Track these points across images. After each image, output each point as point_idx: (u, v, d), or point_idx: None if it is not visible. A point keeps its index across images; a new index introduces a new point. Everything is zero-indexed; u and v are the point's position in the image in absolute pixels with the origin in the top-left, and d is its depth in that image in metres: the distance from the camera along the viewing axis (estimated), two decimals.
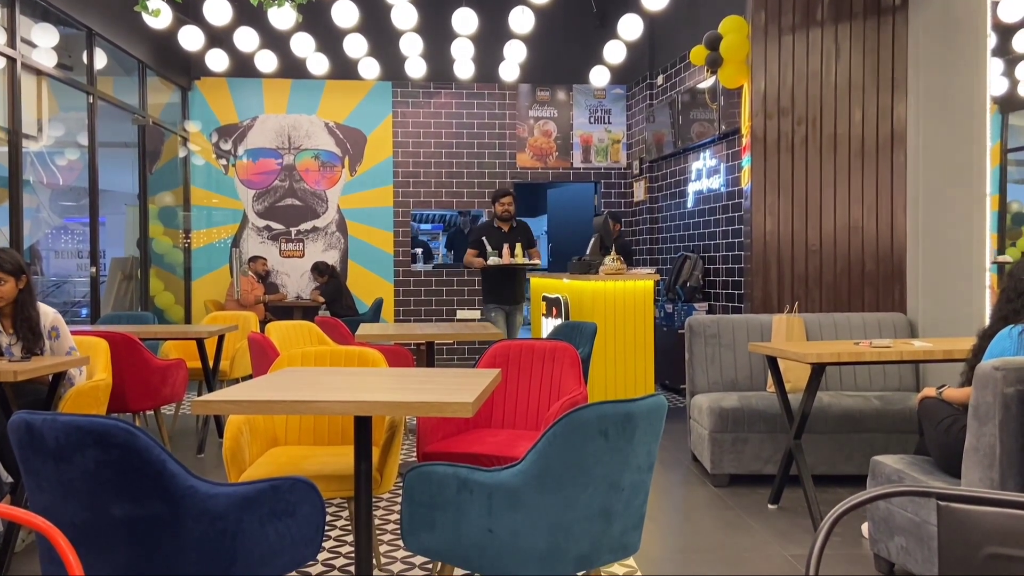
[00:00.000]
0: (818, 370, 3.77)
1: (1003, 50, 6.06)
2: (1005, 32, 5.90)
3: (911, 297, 5.31)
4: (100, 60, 7.57)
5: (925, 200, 5.18)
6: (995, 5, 4.89)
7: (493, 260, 6.43)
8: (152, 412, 5.18)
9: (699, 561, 3.40)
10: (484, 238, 6.58)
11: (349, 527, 3.68)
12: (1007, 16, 5.26)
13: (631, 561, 3.33)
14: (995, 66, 5.20)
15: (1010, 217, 7.59)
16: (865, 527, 3.54)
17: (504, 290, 6.59)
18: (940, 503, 1.02)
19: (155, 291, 8.91)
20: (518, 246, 6.50)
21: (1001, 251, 7.02)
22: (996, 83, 5.38)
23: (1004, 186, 7.52)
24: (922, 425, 3.19)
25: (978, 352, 3.02)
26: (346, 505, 3.87)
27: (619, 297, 6.24)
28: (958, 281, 4.82)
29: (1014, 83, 6.68)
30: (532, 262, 6.59)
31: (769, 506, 4.12)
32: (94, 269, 7.26)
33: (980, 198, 4.64)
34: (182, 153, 9.54)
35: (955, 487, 1.07)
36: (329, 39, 7.78)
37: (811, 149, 5.46)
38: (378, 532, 3.62)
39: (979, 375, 2.56)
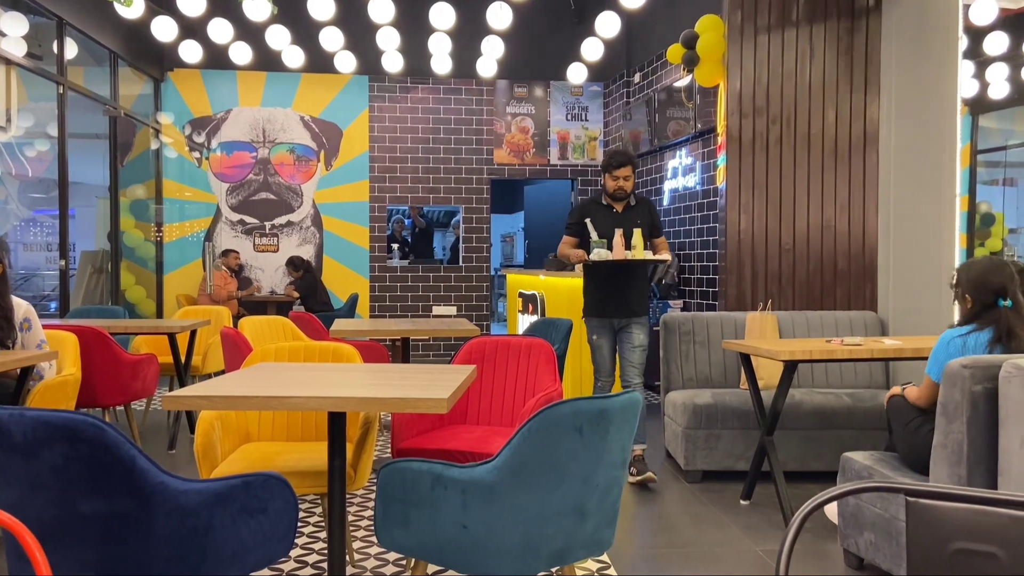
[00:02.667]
0: (790, 367, 3.81)
1: (974, 52, 6.15)
2: (976, 35, 5.98)
3: (882, 295, 5.38)
4: (71, 50, 7.45)
5: (896, 200, 5.25)
6: (966, 8, 4.96)
7: (597, 254, 4.34)
8: (122, 408, 5.11)
9: (672, 557, 3.43)
10: (588, 221, 4.49)
11: (322, 523, 3.66)
12: (978, 19, 5.34)
13: (605, 557, 3.34)
14: (966, 68, 5.28)
15: (979, 218, 7.72)
16: (828, 508, 3.58)
17: (612, 298, 4.49)
18: (908, 499, 1.04)
19: (126, 285, 8.79)
20: (637, 233, 4.36)
21: (970, 251, 7.14)
22: (967, 85, 5.46)
23: (973, 187, 7.64)
24: (891, 423, 3.24)
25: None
26: (319, 501, 3.85)
27: None
28: (928, 280, 4.89)
29: (984, 85, 6.79)
30: (659, 257, 4.43)
31: (741, 502, 4.16)
32: (63, 262, 7.14)
33: (950, 199, 4.71)
34: (154, 145, 9.41)
35: (923, 483, 1.08)
36: (305, 32, 7.71)
37: (785, 148, 5.51)
38: (352, 528, 3.60)
39: (948, 373, 2.60)
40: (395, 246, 10.03)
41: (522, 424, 2.13)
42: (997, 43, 6.15)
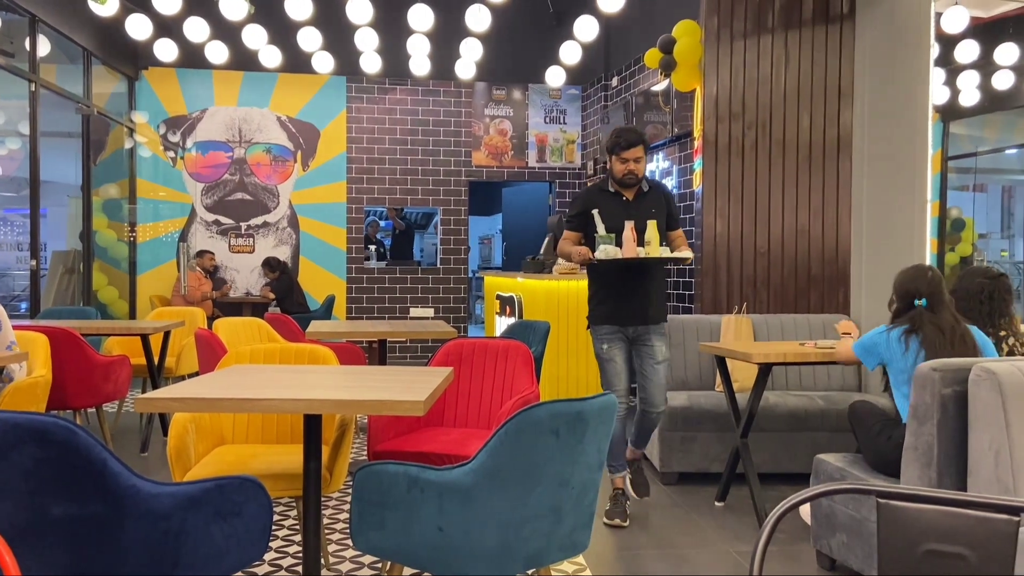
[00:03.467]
0: (765, 370, 3.85)
1: (946, 60, 6.25)
2: (948, 43, 6.08)
3: (855, 299, 5.45)
4: (43, 47, 7.34)
5: (869, 205, 5.31)
6: (939, 16, 5.05)
7: (604, 251, 3.66)
8: (94, 410, 5.04)
9: (647, 558, 3.44)
10: (595, 212, 3.80)
11: (297, 526, 3.64)
12: (950, 27, 5.43)
13: (580, 559, 3.35)
14: (938, 76, 5.37)
15: (950, 223, 7.84)
16: (802, 508, 3.63)
17: (625, 303, 3.81)
18: (880, 501, 1.05)
19: (98, 286, 8.68)
20: (651, 226, 3.69)
21: (941, 256, 7.25)
22: (939, 92, 5.55)
23: (944, 193, 7.76)
24: (854, 430, 3.31)
25: None
26: (294, 504, 3.82)
27: (572, 296, 6.28)
28: None
29: (955, 92, 6.90)
30: (679, 254, 3.74)
31: (716, 503, 4.19)
32: (34, 262, 7.04)
33: (921, 204, 4.78)
34: (128, 144, 9.30)
35: (894, 485, 1.10)
36: (282, 32, 7.67)
37: (761, 153, 5.56)
38: (327, 531, 3.58)
39: (918, 376, 2.64)
40: (372, 247, 9.99)
41: (499, 427, 2.13)
42: (968, 51, 6.26)
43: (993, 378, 2.39)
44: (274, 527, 3.59)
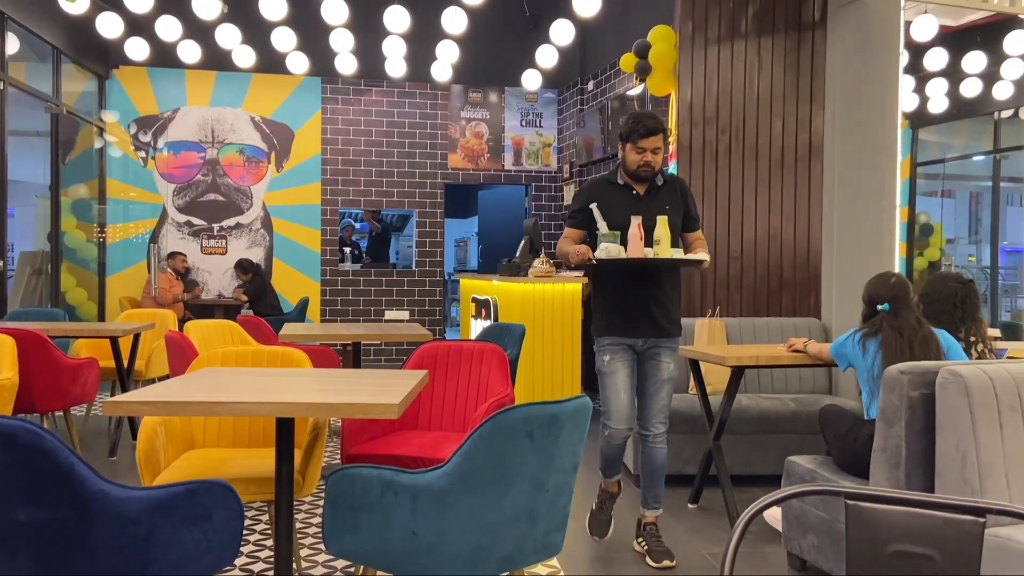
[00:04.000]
0: (737, 373, 3.88)
1: (915, 68, 6.36)
2: (917, 51, 6.19)
3: (825, 303, 5.51)
4: (12, 45, 7.22)
5: (839, 210, 5.38)
6: (908, 25, 5.12)
7: (605, 250, 3.22)
8: (62, 413, 4.96)
9: (621, 560, 3.45)
10: (594, 207, 3.38)
11: (269, 531, 3.60)
12: (919, 35, 5.52)
13: (555, 561, 3.35)
14: (907, 83, 5.45)
15: (918, 228, 7.97)
16: (767, 513, 3.67)
17: (635, 309, 3.38)
18: (848, 502, 1.07)
19: (66, 287, 8.54)
20: (661, 223, 3.26)
21: (910, 261, 7.36)
22: (908, 99, 5.64)
23: (913, 198, 7.89)
24: (824, 432, 3.36)
25: None
26: (266, 508, 3.79)
27: (548, 300, 6.29)
28: None
29: (924, 100, 7.02)
30: (693, 256, 3.31)
31: (689, 505, 4.21)
32: (1, 263, 6.91)
33: (890, 209, 4.85)
34: (98, 144, 9.18)
35: (862, 487, 1.11)
36: (256, 31, 7.60)
37: (734, 158, 5.61)
38: (299, 536, 3.55)
39: (887, 379, 2.68)
40: (347, 250, 9.94)
41: (473, 430, 2.13)
42: (937, 59, 6.37)
43: (959, 381, 2.42)
44: (246, 531, 3.56)
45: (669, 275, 3.43)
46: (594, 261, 3.23)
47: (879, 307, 3.22)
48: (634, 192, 3.43)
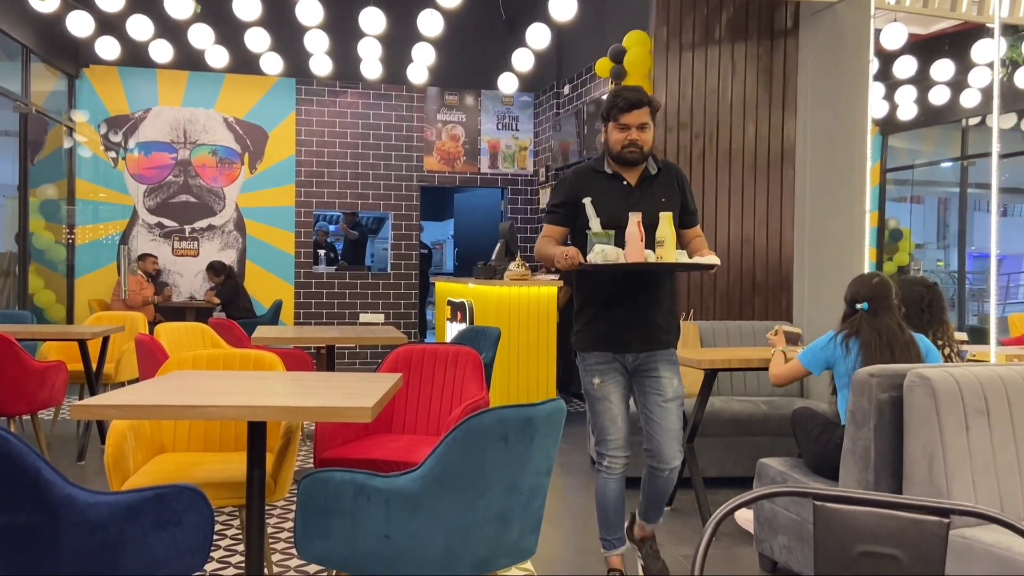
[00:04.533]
0: (710, 376, 3.91)
1: (885, 75, 6.45)
2: (887, 58, 6.28)
3: (797, 306, 5.57)
4: None
5: (811, 215, 5.45)
6: (878, 32, 5.20)
7: (602, 254, 2.74)
8: (29, 417, 4.88)
9: (595, 563, 3.46)
10: (587, 202, 2.91)
11: (240, 535, 3.57)
12: (889, 43, 5.60)
13: (528, 564, 3.35)
14: (877, 90, 5.52)
15: (888, 233, 8.08)
16: (739, 515, 3.70)
17: (625, 320, 2.94)
18: (816, 503, 1.08)
19: (34, 289, 8.41)
20: (666, 220, 2.80)
21: (879, 265, 7.47)
22: (878, 106, 5.72)
23: (883, 204, 8.00)
24: (796, 434, 3.39)
25: None
26: (238, 513, 3.75)
27: (523, 303, 6.30)
28: (839, 292, 5.06)
29: (894, 107, 7.12)
30: (702, 261, 2.84)
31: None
32: None
33: (860, 215, 4.91)
34: (67, 144, 9.04)
35: (830, 488, 1.13)
36: (229, 31, 7.53)
37: (708, 163, 5.66)
38: (271, 541, 3.52)
39: (856, 382, 2.71)
40: (321, 252, 9.88)
41: (447, 433, 2.12)
42: (906, 67, 6.47)
43: (927, 384, 2.46)
44: (217, 536, 3.52)
45: (666, 280, 3.00)
46: (589, 267, 2.72)
47: (858, 306, 3.20)
48: (625, 182, 2.95)
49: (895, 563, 1.01)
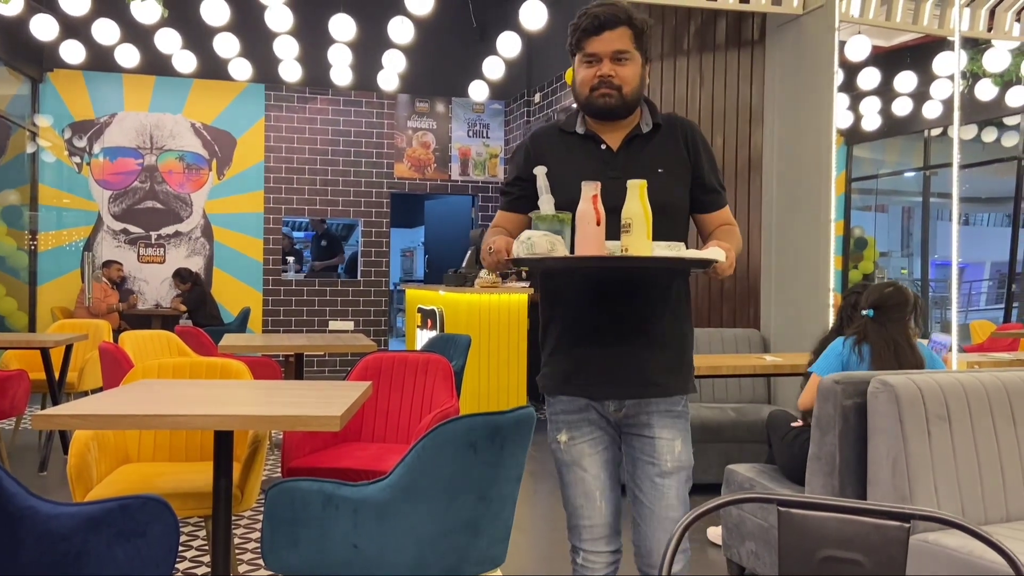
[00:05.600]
0: None
1: (849, 86, 6.56)
2: (851, 70, 6.39)
3: (764, 314, 5.64)
4: None
5: (778, 224, 5.52)
6: (842, 44, 5.29)
7: (529, 241, 1.78)
8: None
9: (565, 571, 3.46)
10: (540, 172, 1.91)
11: (206, 546, 3.52)
12: (853, 55, 5.71)
13: (497, 572, 3.34)
14: (842, 101, 5.62)
15: (853, 241, 8.21)
16: (711, 531, 3.73)
17: (599, 348, 1.97)
18: (780, 509, 1.10)
19: None
20: (636, 192, 1.78)
21: (845, 273, 7.58)
22: (843, 116, 5.82)
23: (848, 212, 8.13)
24: (770, 437, 3.42)
25: (812, 362, 3.33)
26: (204, 524, 3.70)
27: (494, 310, 6.30)
28: (806, 300, 5.15)
29: (859, 117, 7.25)
30: (698, 255, 1.77)
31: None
32: None
33: (826, 224, 4.99)
34: (30, 149, 8.88)
35: (795, 494, 1.15)
36: (197, 36, 7.46)
37: None
38: (238, 552, 3.47)
39: (821, 389, 2.75)
40: (290, 259, 9.80)
41: (416, 441, 2.12)
42: (870, 78, 6.60)
43: (890, 390, 2.51)
44: (183, 547, 3.47)
45: (660, 287, 1.98)
46: (507, 267, 1.86)
47: (863, 312, 3.16)
48: (603, 146, 2.00)
49: (858, 567, 1.03)
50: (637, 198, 1.78)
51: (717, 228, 2.09)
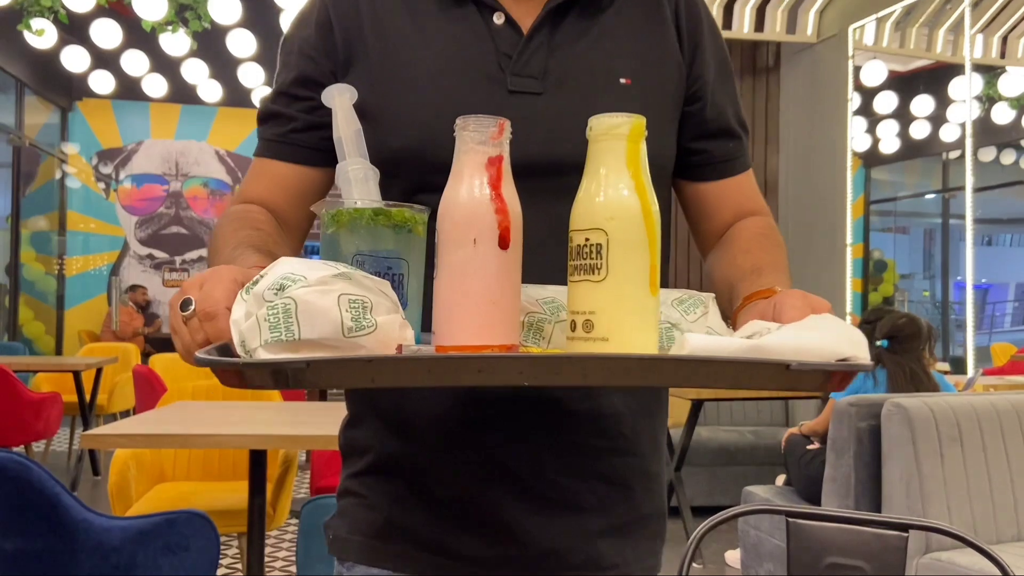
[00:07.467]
0: (696, 406, 4.00)
1: (867, 110, 6.64)
2: (868, 94, 6.48)
3: None
4: None
5: (793, 248, 5.59)
6: (858, 69, 5.39)
7: (323, 307, 0.59)
8: (22, 448, 4.90)
9: None
10: (340, 94, 0.82)
11: (235, 564, 3.61)
12: (869, 80, 5.80)
13: None
14: (859, 124, 5.71)
15: (872, 264, 8.25)
16: (728, 555, 3.78)
17: (451, 495, 0.91)
18: (789, 520, 1.18)
19: (24, 320, 8.43)
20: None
21: (865, 296, 7.61)
22: (860, 140, 5.89)
23: (867, 235, 8.18)
24: (787, 461, 3.48)
25: None
26: (230, 543, 3.80)
27: None
28: None
29: (876, 140, 7.32)
30: (840, 349, 0.62)
31: None
32: None
33: (842, 247, 5.06)
34: (59, 176, 9.12)
35: (800, 506, 1.23)
36: (223, 66, 7.66)
37: None
38: (266, 570, 3.56)
39: (836, 411, 2.82)
40: None
41: None
42: (887, 102, 6.68)
43: (903, 412, 2.57)
44: None
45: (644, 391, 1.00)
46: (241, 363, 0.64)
47: (877, 343, 3.15)
48: (499, 18, 0.91)
49: (860, 573, 1.11)
50: (623, 167, 0.71)
51: (742, 233, 1.02)
